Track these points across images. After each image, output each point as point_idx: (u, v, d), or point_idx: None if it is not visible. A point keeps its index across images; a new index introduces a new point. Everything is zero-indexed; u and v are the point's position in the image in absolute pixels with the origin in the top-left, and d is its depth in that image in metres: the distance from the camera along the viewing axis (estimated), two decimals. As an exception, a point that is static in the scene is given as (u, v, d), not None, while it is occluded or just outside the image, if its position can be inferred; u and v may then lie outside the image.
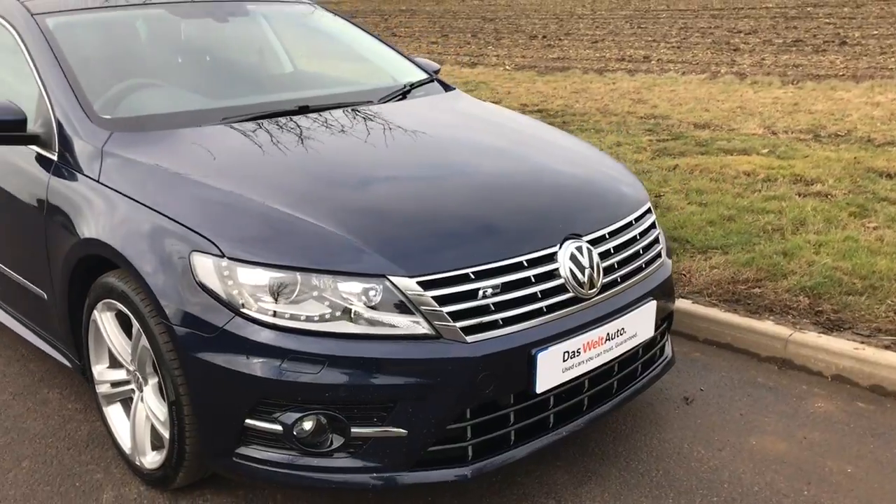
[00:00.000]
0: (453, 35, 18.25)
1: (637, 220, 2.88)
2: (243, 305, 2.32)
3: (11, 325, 3.46)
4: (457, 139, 3.26)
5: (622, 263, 2.74)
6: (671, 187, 5.53)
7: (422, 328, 2.32)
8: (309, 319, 2.29)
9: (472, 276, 2.39)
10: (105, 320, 2.76)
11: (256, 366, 2.29)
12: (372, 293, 2.31)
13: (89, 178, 2.80)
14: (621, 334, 2.65)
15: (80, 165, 2.86)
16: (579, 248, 2.58)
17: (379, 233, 2.45)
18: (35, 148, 3.04)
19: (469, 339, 2.34)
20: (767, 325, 3.66)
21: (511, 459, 2.49)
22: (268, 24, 4.09)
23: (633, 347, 2.74)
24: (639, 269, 2.79)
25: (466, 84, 10.60)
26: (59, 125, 2.98)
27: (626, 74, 11.27)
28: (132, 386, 2.79)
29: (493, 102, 5.38)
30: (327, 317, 2.30)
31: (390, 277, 2.32)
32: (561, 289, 2.53)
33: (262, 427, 2.35)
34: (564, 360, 2.48)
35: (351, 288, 2.31)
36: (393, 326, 2.31)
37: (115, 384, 2.87)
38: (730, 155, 6.37)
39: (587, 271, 2.57)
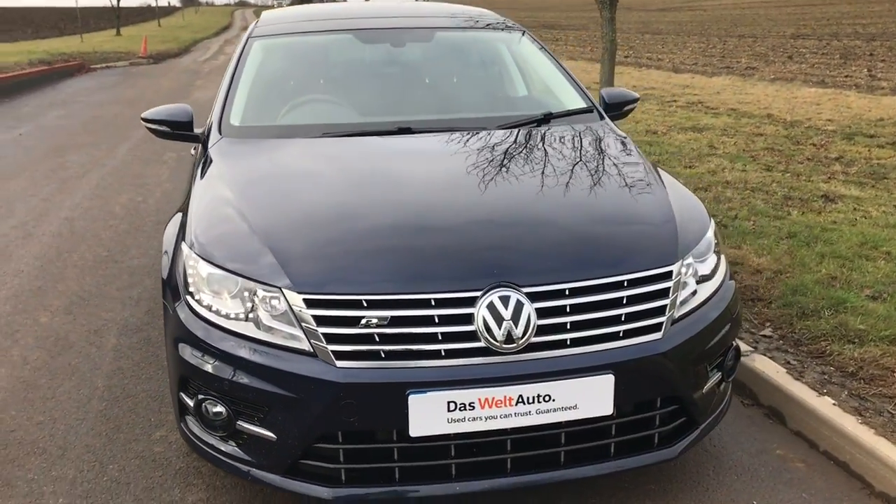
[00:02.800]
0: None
1: (635, 282, 2.53)
2: (190, 293, 2.64)
3: None
4: (500, 172, 3.11)
5: (580, 326, 2.45)
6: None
7: (302, 344, 2.40)
8: (226, 316, 2.52)
9: (365, 304, 2.39)
10: None
11: (183, 346, 2.60)
12: (275, 302, 2.46)
13: (198, 173, 3.36)
14: (546, 401, 2.39)
15: (200, 163, 3.43)
16: (505, 299, 2.40)
17: (297, 249, 2.57)
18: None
19: (339, 363, 2.36)
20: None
21: (391, 496, 2.44)
22: (445, 49, 4.28)
23: (579, 420, 2.44)
24: (603, 338, 2.46)
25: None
26: (208, 129, 3.61)
27: None
28: None
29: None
30: (241, 317, 2.51)
31: (284, 290, 2.44)
32: (473, 336, 2.39)
33: (187, 403, 2.65)
34: (450, 410, 2.34)
35: (262, 295, 2.49)
36: (282, 337, 2.43)
37: None
38: None
39: (505, 324, 2.38)
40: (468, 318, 2.38)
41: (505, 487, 2.48)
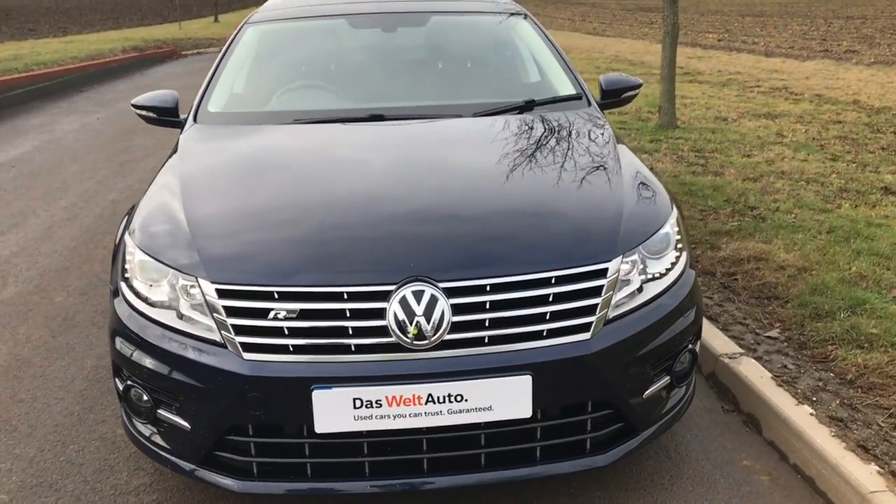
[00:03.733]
0: None
1: (563, 279, 2.40)
2: (126, 280, 2.66)
3: None
4: (448, 163, 3.03)
5: (499, 324, 2.35)
6: None
7: (214, 335, 2.38)
8: (152, 305, 2.53)
9: (276, 296, 2.35)
10: None
11: (115, 333, 2.62)
12: (193, 292, 2.44)
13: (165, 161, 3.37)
14: (458, 401, 2.30)
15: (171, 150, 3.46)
16: (418, 294, 2.31)
17: (217, 239, 2.55)
18: None
19: (246, 355, 2.33)
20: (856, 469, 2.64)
21: (300, 491, 2.40)
22: (438, 34, 4.17)
23: (498, 422, 2.35)
24: (524, 337, 2.35)
25: None
26: (187, 115, 3.64)
27: None
28: None
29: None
30: (165, 305, 2.50)
31: (200, 280, 2.42)
32: (384, 332, 2.32)
33: (118, 388, 2.68)
34: (356, 407, 2.28)
35: (181, 284, 2.48)
36: (197, 327, 2.41)
37: None
38: None
39: (417, 320, 2.29)
40: (380, 313, 2.31)
41: (421, 488, 2.40)
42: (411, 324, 2.29)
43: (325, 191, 2.82)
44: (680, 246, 2.76)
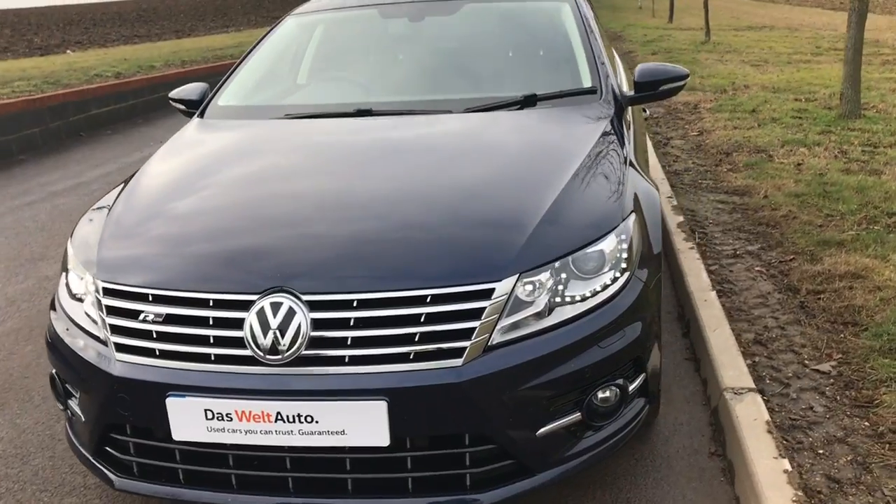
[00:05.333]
0: None
1: (439, 298, 2.18)
2: (66, 270, 2.75)
3: None
4: (384, 165, 2.85)
5: (363, 343, 2.17)
6: None
7: (100, 332, 2.41)
8: (70, 297, 2.61)
9: (150, 298, 2.33)
10: None
11: (49, 320, 2.72)
12: (91, 288, 2.49)
13: None
14: (308, 422, 2.16)
15: None
16: (276, 306, 2.20)
17: (116, 238, 2.58)
18: None
19: (118, 355, 2.33)
20: None
21: (168, 495, 2.38)
22: (468, 22, 3.92)
23: (360, 447, 2.19)
24: (388, 358, 2.16)
25: None
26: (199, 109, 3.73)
27: None
28: None
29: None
30: (77, 299, 2.57)
31: (93, 277, 2.46)
32: (241, 343, 2.23)
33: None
34: (209, 419, 2.21)
35: (85, 279, 2.53)
36: (91, 323, 2.46)
37: None
38: None
39: (271, 333, 2.18)
40: (239, 324, 2.22)
41: None
42: (265, 336, 2.18)
43: (242, 194, 2.75)
44: (624, 266, 2.42)
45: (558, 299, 2.30)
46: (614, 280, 2.39)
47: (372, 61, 3.89)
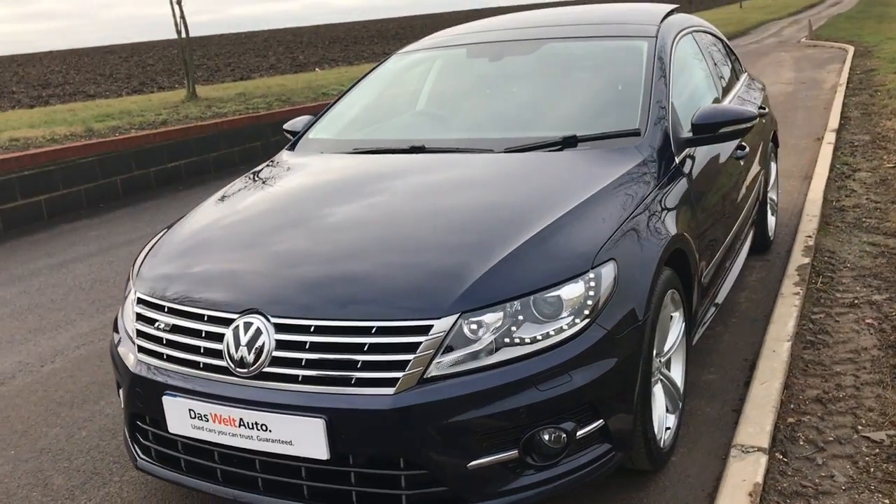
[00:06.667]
0: None
1: (383, 331, 2.37)
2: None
3: None
4: (401, 200, 3.05)
5: (314, 365, 2.41)
6: None
7: (132, 335, 2.83)
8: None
9: (165, 310, 2.71)
10: None
11: None
12: (132, 297, 2.92)
13: None
14: (262, 429, 2.43)
15: None
16: (248, 325, 2.49)
17: (161, 255, 3.01)
18: None
19: (139, 356, 2.72)
20: None
21: (175, 481, 2.73)
22: (543, 61, 3.96)
23: (296, 457, 2.43)
24: (333, 381, 2.37)
25: None
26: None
27: None
28: None
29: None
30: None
31: (134, 288, 2.90)
32: (221, 355, 2.54)
33: None
34: (192, 418, 2.54)
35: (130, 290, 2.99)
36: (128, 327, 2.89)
37: None
38: None
39: (241, 350, 2.48)
40: (221, 337, 2.54)
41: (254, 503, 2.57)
42: (237, 351, 2.48)
43: (256, 224, 3.06)
44: (587, 313, 2.46)
45: (507, 339, 2.39)
46: (571, 325, 2.44)
47: (445, 99, 4.11)
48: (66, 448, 3.49)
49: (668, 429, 2.98)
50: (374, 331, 2.38)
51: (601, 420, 2.50)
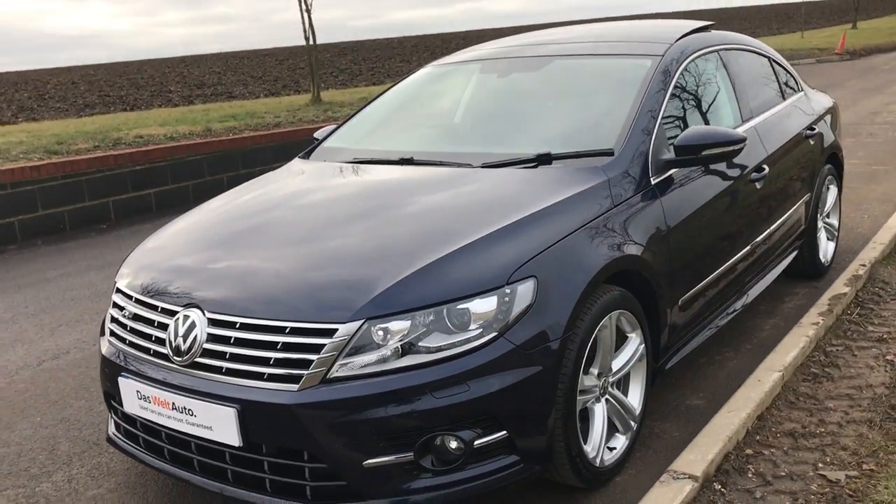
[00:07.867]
0: None
1: (295, 331, 2.52)
2: None
3: None
4: (359, 207, 3.18)
5: (236, 358, 2.59)
6: None
7: (107, 320, 3.12)
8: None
9: (133, 299, 2.97)
10: None
11: None
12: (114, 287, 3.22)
13: None
14: (189, 414, 2.63)
15: None
16: (186, 318, 2.70)
17: (144, 249, 3.29)
18: None
19: (109, 339, 3.01)
20: None
21: (135, 457, 2.97)
22: (546, 78, 3.96)
23: (216, 442, 2.61)
24: (248, 374, 2.54)
25: None
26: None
27: None
28: None
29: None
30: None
31: (115, 279, 3.18)
32: (165, 343, 2.77)
33: None
34: (139, 398, 2.78)
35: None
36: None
37: None
38: None
39: (178, 339, 2.69)
40: (166, 327, 2.77)
41: (193, 482, 2.77)
42: (174, 340, 2.71)
43: (225, 226, 3.26)
44: (497, 327, 2.53)
45: (413, 347, 2.49)
46: (479, 338, 2.51)
47: (450, 114, 4.21)
48: (82, 419, 3.84)
49: (612, 448, 2.97)
50: (287, 330, 2.54)
51: (504, 431, 2.55)
